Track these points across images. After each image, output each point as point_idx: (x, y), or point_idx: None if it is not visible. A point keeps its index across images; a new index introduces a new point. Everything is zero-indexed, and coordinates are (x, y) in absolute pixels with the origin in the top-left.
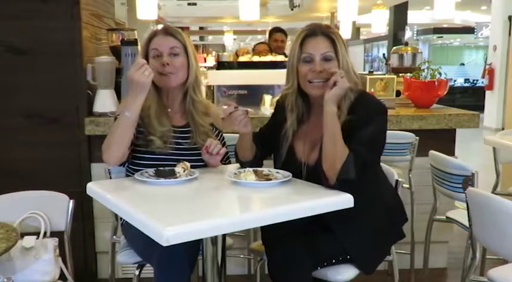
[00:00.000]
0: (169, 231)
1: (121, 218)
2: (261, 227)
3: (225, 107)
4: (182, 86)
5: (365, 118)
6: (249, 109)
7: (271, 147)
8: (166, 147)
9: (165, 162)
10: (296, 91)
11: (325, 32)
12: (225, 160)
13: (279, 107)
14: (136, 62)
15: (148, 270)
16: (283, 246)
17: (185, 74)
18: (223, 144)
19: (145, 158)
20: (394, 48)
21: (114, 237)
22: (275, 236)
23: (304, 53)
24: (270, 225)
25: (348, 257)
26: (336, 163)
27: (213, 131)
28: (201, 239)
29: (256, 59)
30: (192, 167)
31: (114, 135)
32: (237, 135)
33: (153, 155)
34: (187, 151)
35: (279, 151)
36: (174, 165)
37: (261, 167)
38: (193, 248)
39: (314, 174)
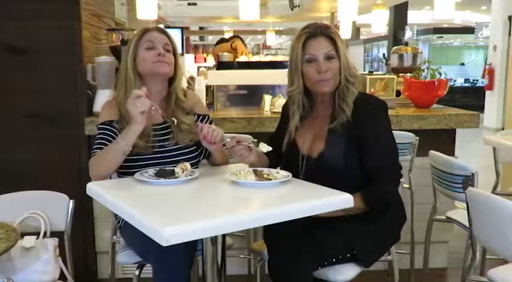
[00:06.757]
0: (169, 231)
1: (118, 220)
2: (263, 225)
3: (228, 140)
4: (167, 82)
5: (372, 125)
6: (251, 144)
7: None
8: (148, 148)
9: (150, 162)
10: (302, 90)
11: (325, 32)
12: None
13: (286, 112)
14: (132, 93)
15: (148, 270)
16: (285, 244)
17: (173, 71)
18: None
19: (132, 160)
20: (394, 48)
21: (114, 237)
22: (277, 234)
23: (308, 55)
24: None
25: (348, 255)
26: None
27: (196, 117)
28: (201, 239)
29: (256, 58)
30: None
31: (105, 158)
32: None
33: (138, 156)
34: (172, 152)
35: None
36: (162, 168)
37: None
38: (192, 246)
39: (315, 166)
